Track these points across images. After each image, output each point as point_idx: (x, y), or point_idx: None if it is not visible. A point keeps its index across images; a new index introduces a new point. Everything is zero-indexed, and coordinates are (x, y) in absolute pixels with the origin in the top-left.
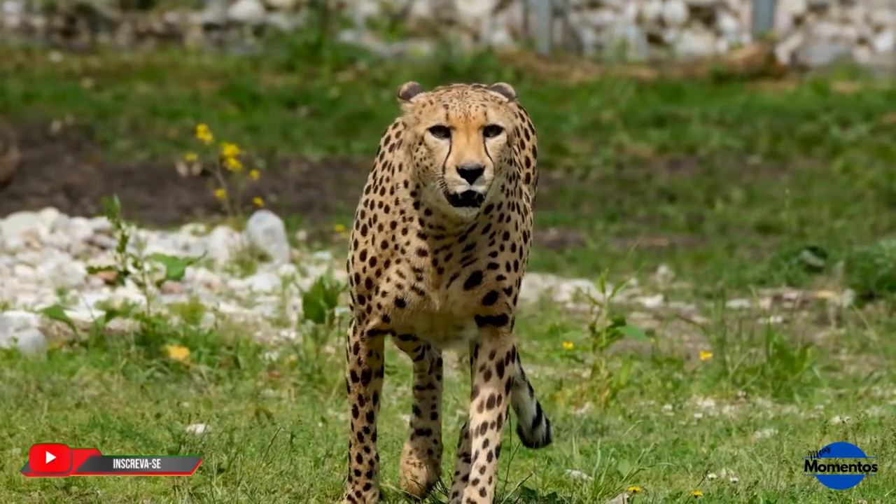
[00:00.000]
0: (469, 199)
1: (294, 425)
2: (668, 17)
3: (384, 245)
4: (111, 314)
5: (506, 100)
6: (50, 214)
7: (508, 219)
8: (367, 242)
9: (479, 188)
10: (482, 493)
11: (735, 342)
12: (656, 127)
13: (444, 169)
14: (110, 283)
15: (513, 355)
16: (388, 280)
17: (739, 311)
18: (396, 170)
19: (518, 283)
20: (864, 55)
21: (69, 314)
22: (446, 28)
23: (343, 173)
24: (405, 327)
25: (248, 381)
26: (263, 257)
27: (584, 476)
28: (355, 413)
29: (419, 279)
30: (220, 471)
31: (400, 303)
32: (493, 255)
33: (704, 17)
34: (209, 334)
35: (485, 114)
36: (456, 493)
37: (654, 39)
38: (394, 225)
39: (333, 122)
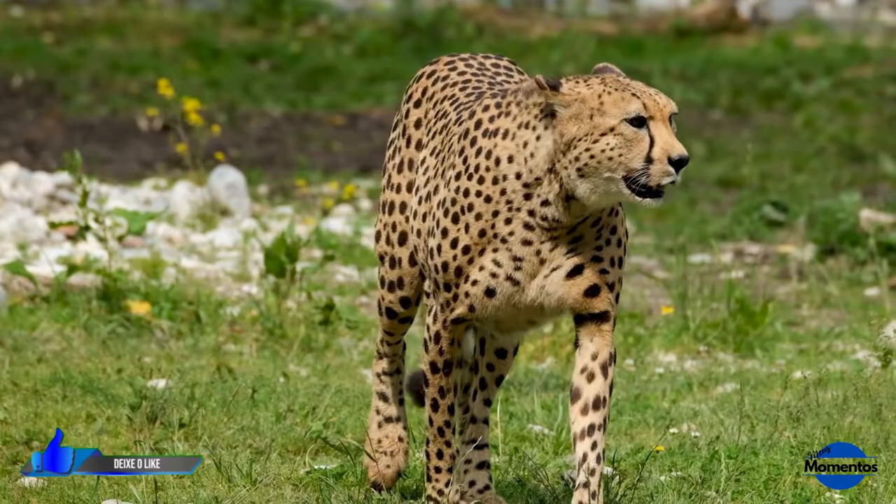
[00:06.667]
0: (660, 190)
1: (255, 380)
2: None
3: (482, 234)
4: (72, 269)
5: None
6: (11, 169)
7: (617, 213)
8: (458, 230)
9: (678, 178)
10: (594, 496)
11: (696, 297)
12: None
13: (649, 160)
14: (72, 238)
15: (614, 356)
16: (482, 269)
17: (701, 265)
18: (504, 161)
19: (620, 281)
20: (826, 10)
21: (30, 269)
22: None
23: (304, 128)
24: (489, 317)
25: (209, 336)
26: (225, 212)
27: (546, 431)
28: (435, 407)
29: (518, 269)
30: (181, 426)
31: (490, 293)
32: (598, 248)
33: None
34: (170, 289)
35: (670, 101)
36: (473, 483)
37: None
38: (496, 214)
39: (294, 77)
